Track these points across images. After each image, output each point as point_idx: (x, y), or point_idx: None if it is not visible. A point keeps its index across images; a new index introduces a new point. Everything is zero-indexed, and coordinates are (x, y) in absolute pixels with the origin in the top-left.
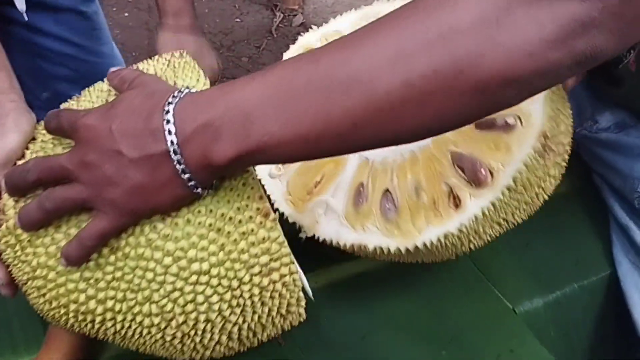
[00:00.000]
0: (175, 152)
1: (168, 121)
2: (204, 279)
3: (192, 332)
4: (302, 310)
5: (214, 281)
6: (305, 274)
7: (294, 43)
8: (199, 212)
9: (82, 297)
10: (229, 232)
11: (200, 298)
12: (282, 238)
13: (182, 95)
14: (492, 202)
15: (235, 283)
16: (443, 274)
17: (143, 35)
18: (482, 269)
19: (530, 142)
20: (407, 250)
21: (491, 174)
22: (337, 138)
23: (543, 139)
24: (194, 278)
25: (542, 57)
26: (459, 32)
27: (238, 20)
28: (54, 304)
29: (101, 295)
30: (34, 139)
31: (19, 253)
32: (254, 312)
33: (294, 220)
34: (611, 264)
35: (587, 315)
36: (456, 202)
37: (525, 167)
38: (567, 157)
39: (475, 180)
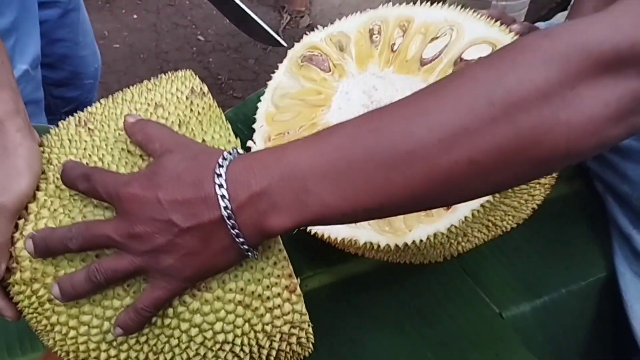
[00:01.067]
0: (229, 218)
1: (220, 186)
2: (227, 347)
3: None
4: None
5: (237, 348)
6: (297, 276)
7: None
8: (230, 289)
9: (103, 356)
10: (256, 308)
11: (220, 358)
12: (304, 309)
13: (231, 158)
14: (482, 204)
15: (255, 349)
16: (432, 278)
17: (151, 37)
18: (471, 273)
19: None
20: (397, 247)
21: None
22: (394, 208)
23: None
24: (217, 346)
25: (605, 134)
26: (524, 109)
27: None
28: (71, 355)
29: (123, 355)
30: (42, 171)
31: (35, 305)
32: None
33: None
34: (603, 269)
35: (576, 321)
36: None
37: None
38: None
39: None
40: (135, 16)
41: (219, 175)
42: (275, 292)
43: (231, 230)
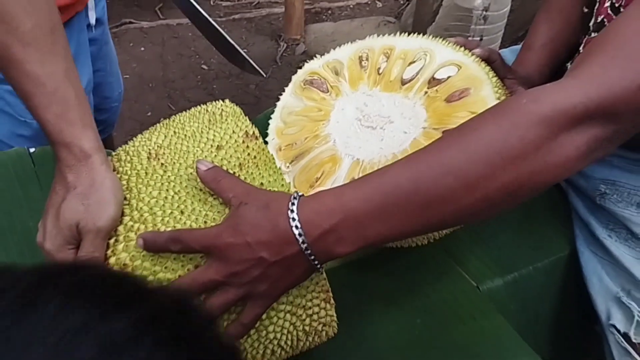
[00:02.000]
0: (306, 250)
1: (297, 227)
2: (275, 341)
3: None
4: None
5: (282, 342)
6: None
7: (297, 70)
8: (282, 302)
9: None
10: (300, 315)
11: (268, 349)
12: (334, 313)
13: (297, 203)
14: None
15: (295, 342)
16: (419, 259)
17: (158, 67)
18: (452, 254)
19: None
20: None
21: None
22: (429, 231)
23: None
24: (267, 340)
25: (576, 168)
26: (523, 159)
27: (245, 50)
28: None
29: None
30: (125, 197)
31: None
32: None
33: None
34: (565, 250)
35: (543, 292)
36: None
37: None
38: None
39: None
40: (142, 48)
41: (293, 219)
42: (315, 303)
43: (310, 259)
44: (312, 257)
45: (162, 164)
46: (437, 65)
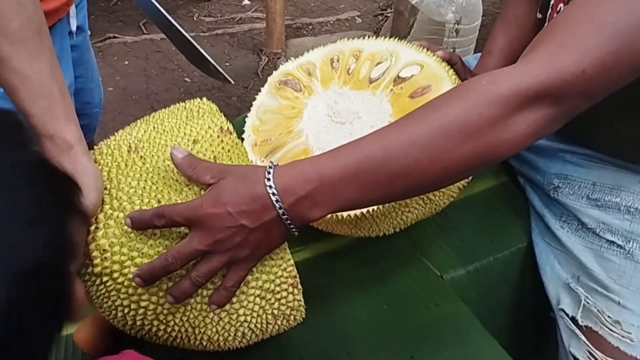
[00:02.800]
0: (283, 215)
1: (274, 194)
2: (245, 324)
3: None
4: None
5: (252, 325)
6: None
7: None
8: (252, 287)
9: (154, 329)
10: (269, 298)
11: (239, 332)
12: (302, 297)
13: (272, 172)
14: None
15: (264, 325)
16: (386, 249)
17: (142, 80)
18: (417, 245)
19: None
20: (356, 216)
21: None
22: (396, 197)
23: None
24: (238, 324)
25: (526, 144)
26: (481, 134)
27: (228, 64)
28: (121, 324)
29: (169, 329)
30: (105, 187)
31: (102, 291)
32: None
33: None
34: (522, 242)
35: (502, 281)
36: None
37: None
38: None
39: None
40: (126, 62)
41: (270, 187)
42: (283, 287)
43: (287, 223)
44: (289, 222)
45: (141, 156)
46: (402, 65)
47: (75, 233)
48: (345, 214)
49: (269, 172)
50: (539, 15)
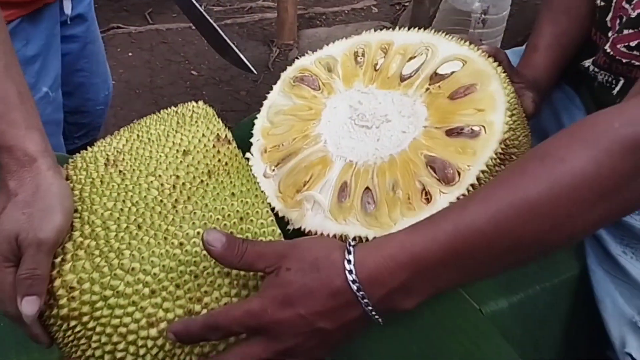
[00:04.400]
0: (372, 312)
1: (359, 290)
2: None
3: None
4: None
5: None
6: None
7: None
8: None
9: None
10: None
11: None
12: None
13: (353, 259)
14: (458, 197)
15: None
16: None
17: (146, 73)
18: None
19: (492, 146)
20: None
21: (458, 173)
22: (505, 270)
23: (504, 146)
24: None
25: None
26: (615, 192)
27: None
28: None
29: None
30: (75, 209)
31: (70, 338)
32: None
33: (283, 214)
34: (575, 269)
35: (551, 315)
36: (427, 197)
37: (487, 168)
38: None
39: (444, 179)
40: (130, 54)
41: (354, 282)
42: None
43: (375, 318)
44: (376, 317)
45: (120, 171)
46: (439, 60)
47: (36, 266)
48: (371, 236)
49: (349, 261)
50: (601, 3)
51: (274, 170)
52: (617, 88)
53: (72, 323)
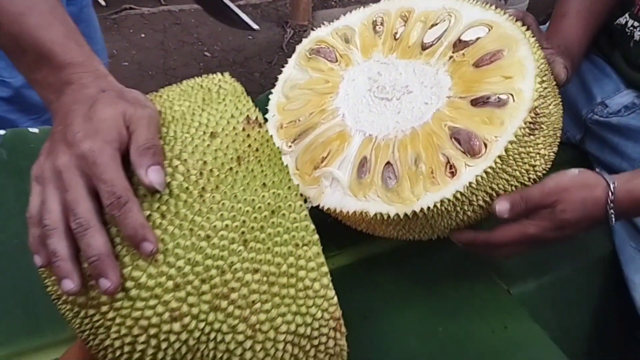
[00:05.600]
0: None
1: (611, 209)
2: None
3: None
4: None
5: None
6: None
7: None
8: (282, 331)
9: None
10: (304, 345)
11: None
12: (345, 342)
13: (613, 203)
14: (486, 170)
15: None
16: (441, 257)
17: (159, 55)
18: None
19: (521, 116)
20: (406, 216)
21: (485, 145)
22: None
23: (533, 115)
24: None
25: None
26: None
27: (250, 37)
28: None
29: None
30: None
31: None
32: None
33: (301, 192)
34: (605, 248)
35: (581, 296)
36: (452, 171)
37: (516, 139)
38: (558, 140)
39: (470, 151)
40: (143, 35)
41: (612, 215)
42: (323, 332)
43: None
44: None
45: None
46: (463, 26)
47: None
48: (393, 212)
49: (611, 201)
50: None
51: (290, 146)
52: None
53: (90, 312)
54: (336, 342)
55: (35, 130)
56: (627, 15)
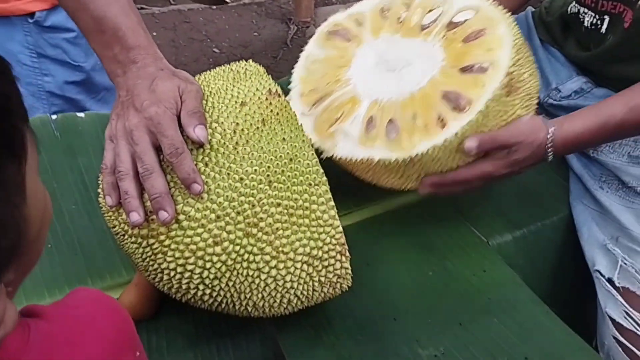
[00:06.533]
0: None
1: (549, 149)
2: (292, 291)
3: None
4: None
5: (298, 292)
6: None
7: None
8: (300, 253)
9: (199, 293)
10: (316, 265)
11: (284, 298)
12: (349, 265)
13: (552, 144)
14: (470, 121)
15: (311, 293)
16: (430, 215)
17: (171, 51)
18: (462, 211)
19: (498, 78)
20: (404, 161)
21: (469, 102)
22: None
23: (509, 79)
24: (284, 290)
25: None
26: None
27: (256, 34)
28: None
29: (214, 293)
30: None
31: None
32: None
33: (318, 145)
34: (567, 209)
35: (549, 247)
36: (443, 124)
37: (493, 97)
38: (535, 105)
39: (457, 107)
40: (154, 33)
41: (550, 152)
42: (331, 255)
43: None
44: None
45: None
46: (455, 11)
47: (199, 105)
48: (393, 158)
49: (550, 141)
50: None
51: (310, 110)
52: (605, 26)
53: (151, 241)
54: (342, 264)
55: (81, 115)
56: (574, 3)
